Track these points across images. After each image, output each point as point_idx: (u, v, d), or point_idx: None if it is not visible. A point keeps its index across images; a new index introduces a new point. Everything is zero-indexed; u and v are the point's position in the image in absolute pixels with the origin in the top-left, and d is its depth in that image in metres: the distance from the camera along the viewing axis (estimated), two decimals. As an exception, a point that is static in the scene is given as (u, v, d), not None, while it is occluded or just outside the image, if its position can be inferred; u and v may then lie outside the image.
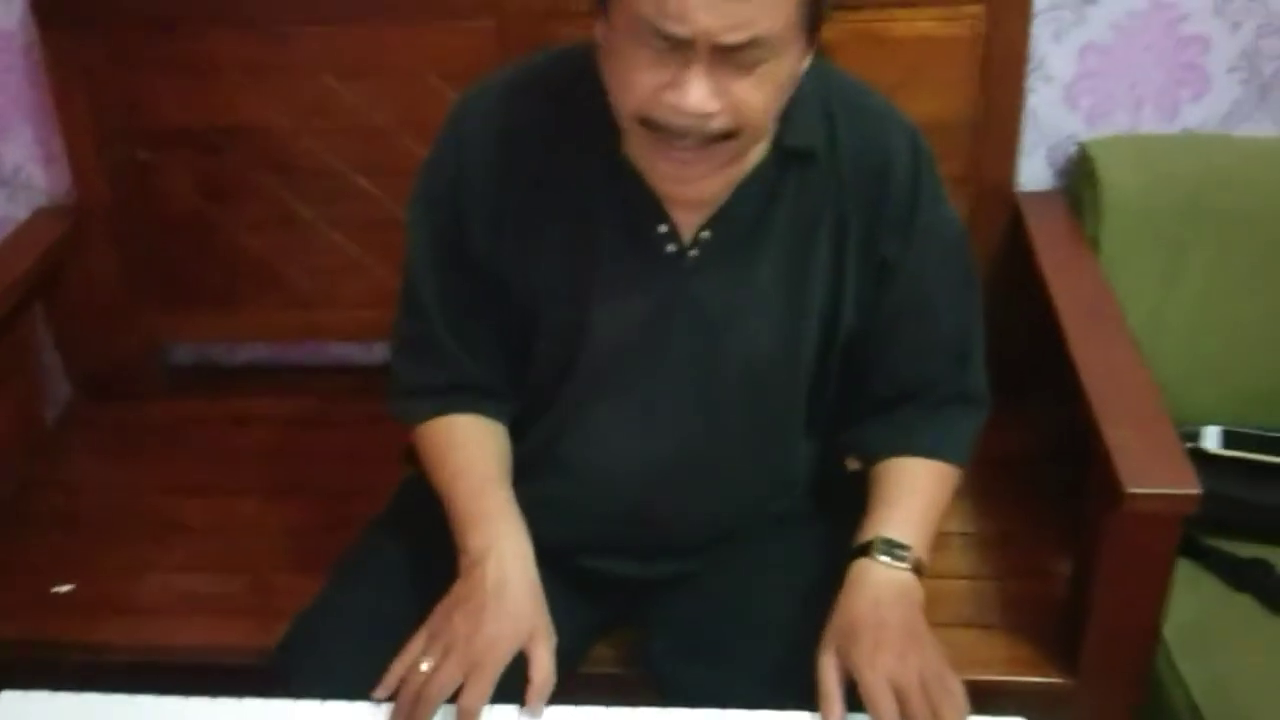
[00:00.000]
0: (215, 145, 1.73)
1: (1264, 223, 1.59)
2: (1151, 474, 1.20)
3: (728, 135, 1.00)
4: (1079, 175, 1.66)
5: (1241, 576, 1.45)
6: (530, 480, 1.21)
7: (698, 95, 0.95)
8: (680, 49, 0.95)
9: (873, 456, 1.22)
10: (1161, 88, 1.67)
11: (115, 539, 1.61)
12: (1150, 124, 1.69)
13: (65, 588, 1.52)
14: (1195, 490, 1.19)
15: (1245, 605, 1.43)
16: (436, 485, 1.20)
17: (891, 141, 1.14)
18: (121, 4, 1.68)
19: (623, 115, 1.02)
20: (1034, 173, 1.73)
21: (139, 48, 1.68)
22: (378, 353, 1.97)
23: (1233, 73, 1.65)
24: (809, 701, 1.05)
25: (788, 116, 1.07)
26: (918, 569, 1.11)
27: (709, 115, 0.97)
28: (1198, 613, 1.39)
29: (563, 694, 1.07)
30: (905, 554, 1.11)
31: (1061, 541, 1.50)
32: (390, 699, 1.06)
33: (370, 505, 1.38)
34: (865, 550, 1.12)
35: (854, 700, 1.04)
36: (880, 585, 1.09)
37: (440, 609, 1.09)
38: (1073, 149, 1.70)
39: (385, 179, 1.73)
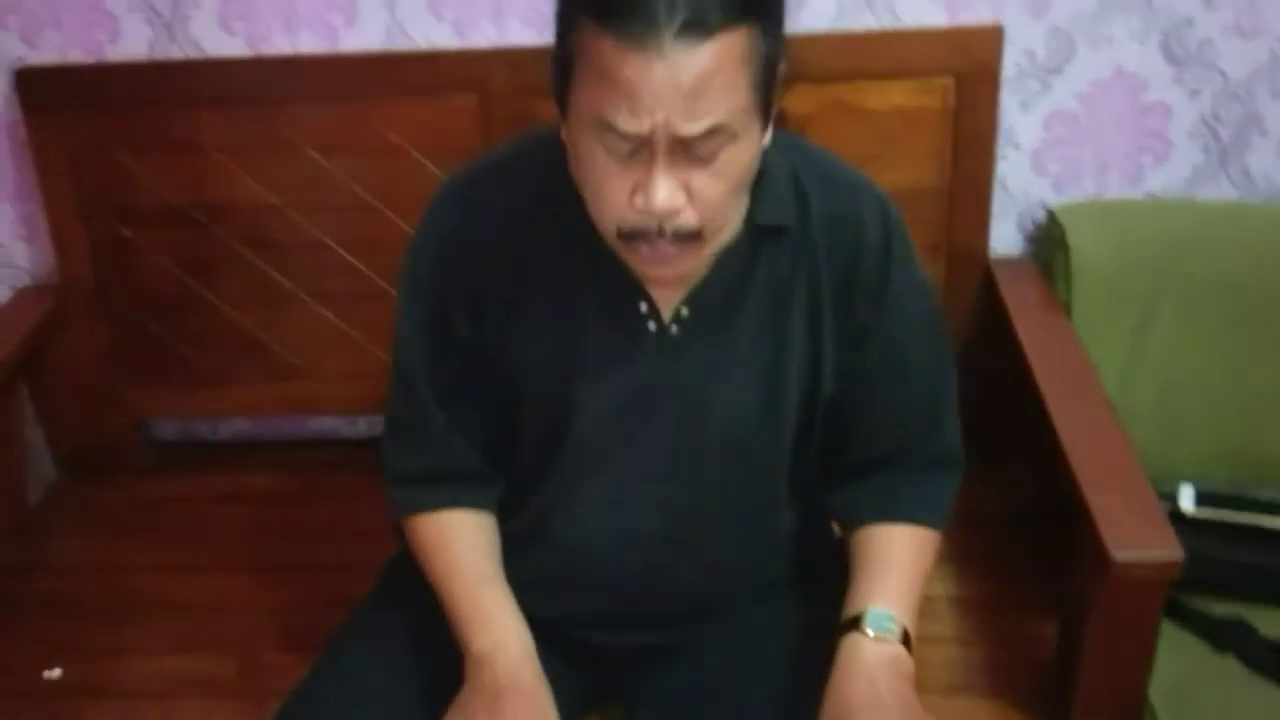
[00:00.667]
0: (199, 222, 1.74)
1: (1229, 285, 1.63)
2: (1136, 541, 1.22)
3: (696, 235, 1.02)
4: (1049, 241, 1.70)
5: (1223, 637, 1.47)
6: (520, 557, 1.23)
7: (664, 193, 0.97)
8: (640, 148, 0.97)
9: (853, 523, 1.23)
10: (1126, 154, 1.72)
11: (103, 621, 1.60)
12: (1116, 189, 1.74)
13: (54, 673, 1.51)
14: (1179, 556, 1.22)
15: (1227, 666, 1.44)
16: (432, 580, 1.21)
17: (862, 211, 1.16)
18: (104, 83, 1.70)
19: (600, 229, 1.05)
20: (1004, 238, 1.77)
21: (122, 126, 1.70)
22: (362, 426, 1.99)
23: (1193, 139, 1.70)
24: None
25: (759, 194, 1.10)
26: (906, 640, 1.13)
27: (676, 211, 0.99)
28: (1181, 674, 1.40)
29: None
30: (894, 626, 1.12)
31: (1044, 604, 1.52)
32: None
33: (360, 583, 1.38)
34: (855, 624, 1.13)
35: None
36: (872, 661, 1.10)
37: (455, 710, 1.11)
38: (1041, 214, 1.75)
39: (370, 253, 1.75)
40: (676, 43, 0.92)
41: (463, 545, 1.22)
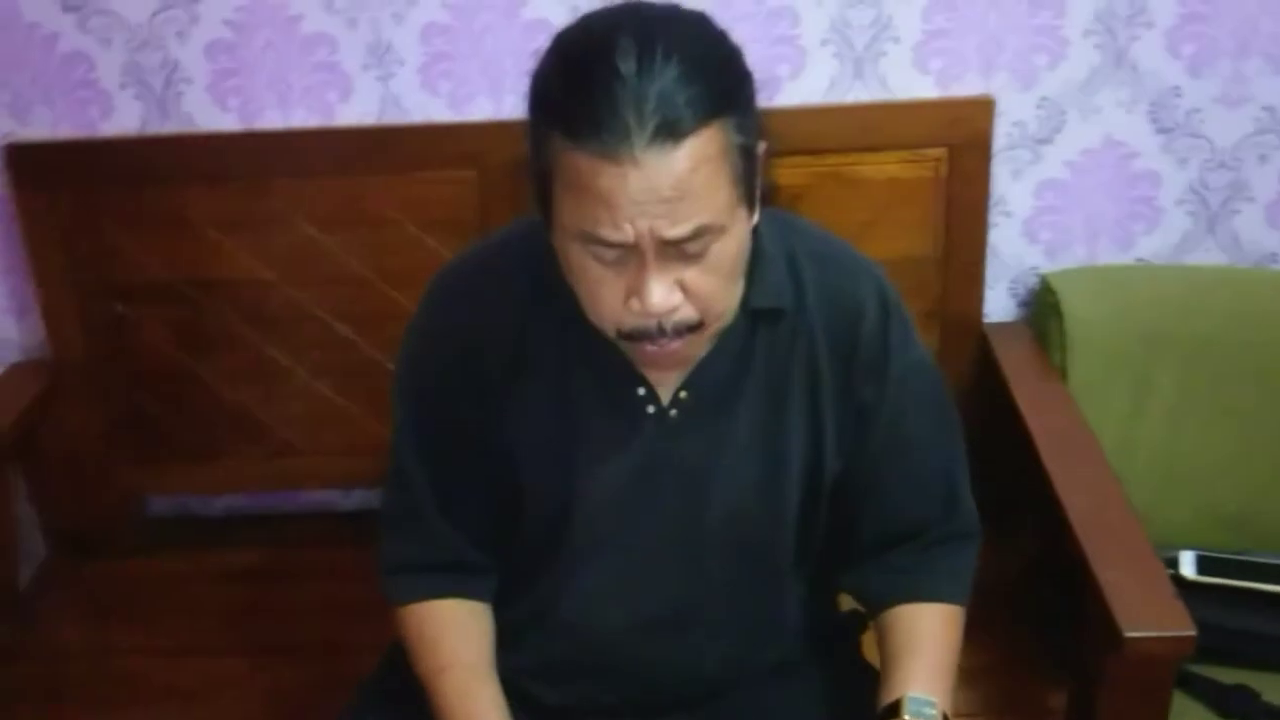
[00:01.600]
0: (192, 297, 1.73)
1: (1222, 348, 1.65)
2: (1148, 618, 1.23)
3: (696, 327, 1.02)
4: (1043, 307, 1.71)
5: (1228, 704, 1.46)
6: (524, 644, 1.22)
7: (659, 294, 0.97)
8: (629, 253, 0.97)
9: (875, 604, 1.22)
10: (1116, 221, 1.74)
11: (99, 707, 1.58)
12: (1106, 255, 1.76)
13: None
14: (1191, 632, 1.22)
15: (1234, 731, 1.46)
16: (422, 674, 1.19)
17: (859, 290, 1.16)
18: (96, 160, 1.70)
19: (601, 330, 1.05)
20: (998, 304, 1.79)
21: (114, 202, 1.69)
22: (356, 498, 1.97)
23: (1181, 205, 1.73)
24: None
25: (754, 277, 1.10)
26: None
27: (673, 309, 0.99)
28: (1189, 740, 1.42)
29: None
30: (933, 712, 1.11)
31: (1050, 670, 1.53)
32: None
33: (357, 664, 1.37)
34: (894, 712, 1.11)
35: None
36: None
37: None
38: (1034, 280, 1.76)
39: (366, 326, 1.74)
40: (649, 150, 0.91)
41: (453, 638, 1.20)
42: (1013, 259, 1.76)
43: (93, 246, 1.71)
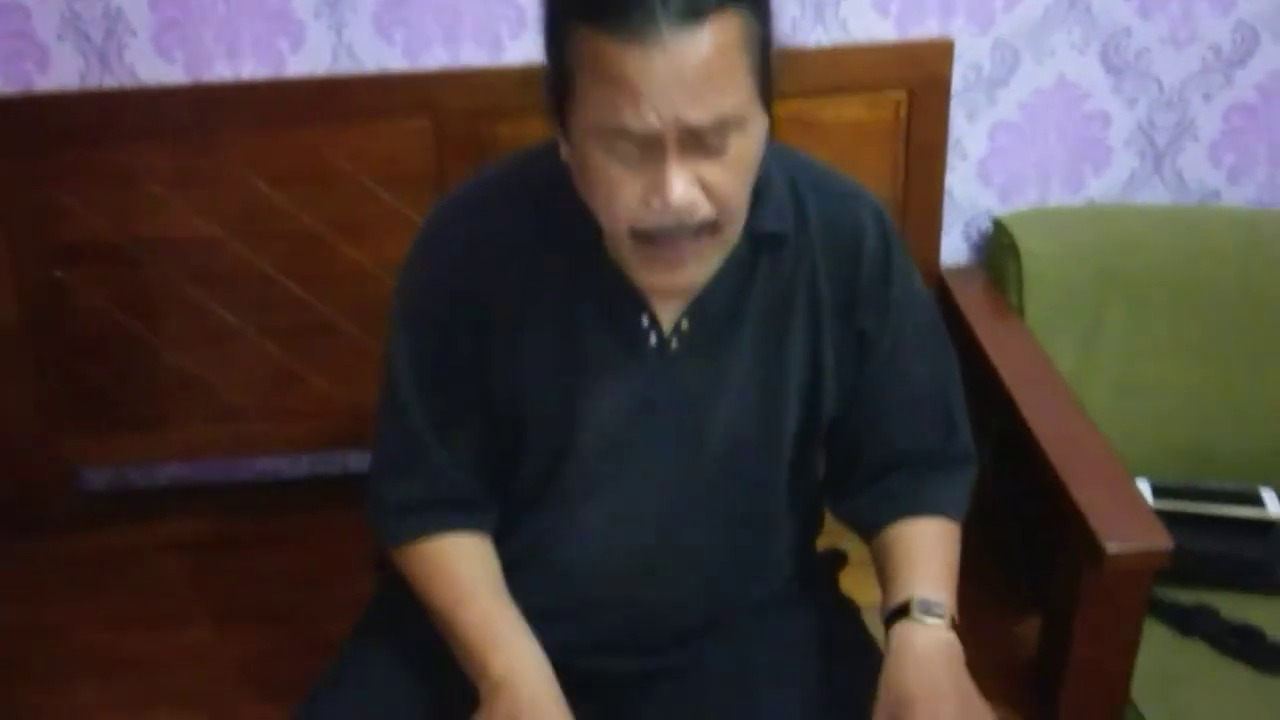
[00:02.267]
0: (135, 258, 1.66)
1: (1170, 286, 1.70)
2: (1127, 532, 1.26)
3: (713, 228, 1.01)
4: (997, 248, 1.74)
5: (1190, 623, 1.51)
6: (518, 584, 1.19)
7: (680, 188, 0.97)
8: (651, 148, 0.96)
9: (875, 525, 1.23)
10: (1066, 162, 1.77)
11: (57, 682, 1.51)
12: (1057, 197, 1.79)
13: (8, 739, 1.42)
14: (1169, 545, 1.26)
15: (1197, 650, 1.49)
16: (434, 609, 1.17)
17: (860, 217, 1.16)
18: (33, 116, 1.62)
19: (614, 233, 1.04)
20: (952, 248, 1.81)
21: (53, 161, 1.61)
22: (305, 464, 1.92)
23: (1130, 145, 1.77)
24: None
25: (757, 202, 1.09)
26: (953, 625, 1.12)
27: (693, 206, 0.99)
28: (1154, 661, 1.44)
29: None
30: (942, 610, 1.12)
31: (1016, 603, 1.55)
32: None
33: (329, 627, 1.34)
34: (903, 612, 1.12)
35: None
36: (927, 648, 1.09)
37: None
38: (987, 224, 1.79)
39: (320, 285, 1.69)
40: (674, 30, 0.92)
41: (468, 569, 1.18)
42: (967, 202, 1.78)
43: (28, 208, 1.63)
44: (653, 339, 1.13)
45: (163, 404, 1.74)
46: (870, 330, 1.17)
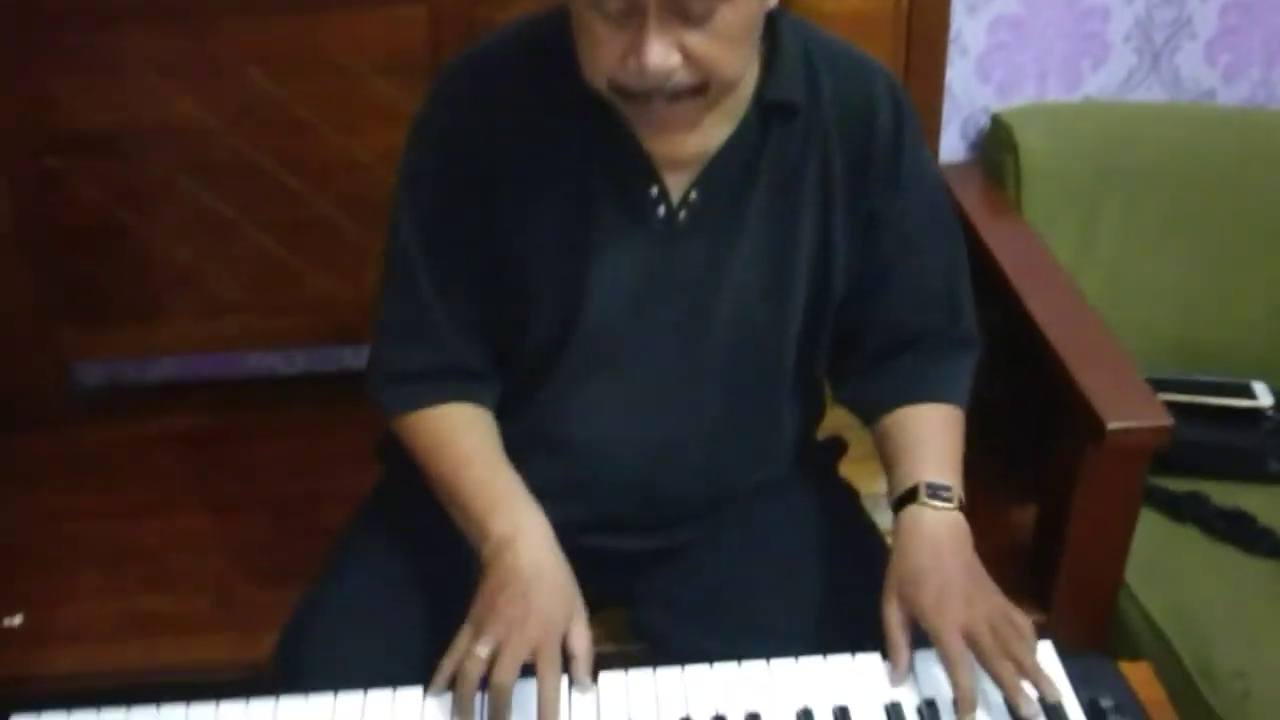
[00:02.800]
0: (129, 148, 1.64)
1: (1166, 182, 1.71)
2: (1127, 410, 1.28)
3: (696, 90, 1.01)
4: (995, 144, 1.75)
5: (1181, 510, 1.54)
6: (521, 462, 1.19)
7: (656, 54, 0.96)
8: (634, 9, 0.96)
9: (878, 410, 1.23)
10: (1064, 58, 1.77)
11: (59, 568, 1.51)
12: (1055, 93, 1.80)
13: (15, 620, 1.42)
14: (1168, 421, 1.28)
15: (1189, 536, 1.53)
16: (436, 475, 1.17)
17: (874, 89, 1.15)
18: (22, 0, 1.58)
19: (594, 85, 1.03)
20: (949, 144, 1.81)
21: (42, 47, 1.58)
22: (300, 362, 1.92)
23: (1128, 42, 1.77)
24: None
25: (769, 69, 1.09)
26: (961, 508, 1.13)
27: (671, 71, 0.98)
28: (1147, 547, 1.47)
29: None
30: (950, 494, 1.12)
31: (1008, 493, 1.57)
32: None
33: (330, 516, 1.35)
34: (911, 497, 1.12)
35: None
36: (935, 530, 1.10)
37: (481, 600, 1.06)
38: (984, 120, 1.79)
39: (313, 176, 1.68)
40: None
41: (469, 437, 1.17)
42: (965, 98, 1.78)
43: (20, 95, 1.60)
44: (660, 210, 1.12)
45: (157, 298, 1.73)
46: (881, 205, 1.16)
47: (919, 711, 0.99)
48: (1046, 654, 1.05)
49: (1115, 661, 1.05)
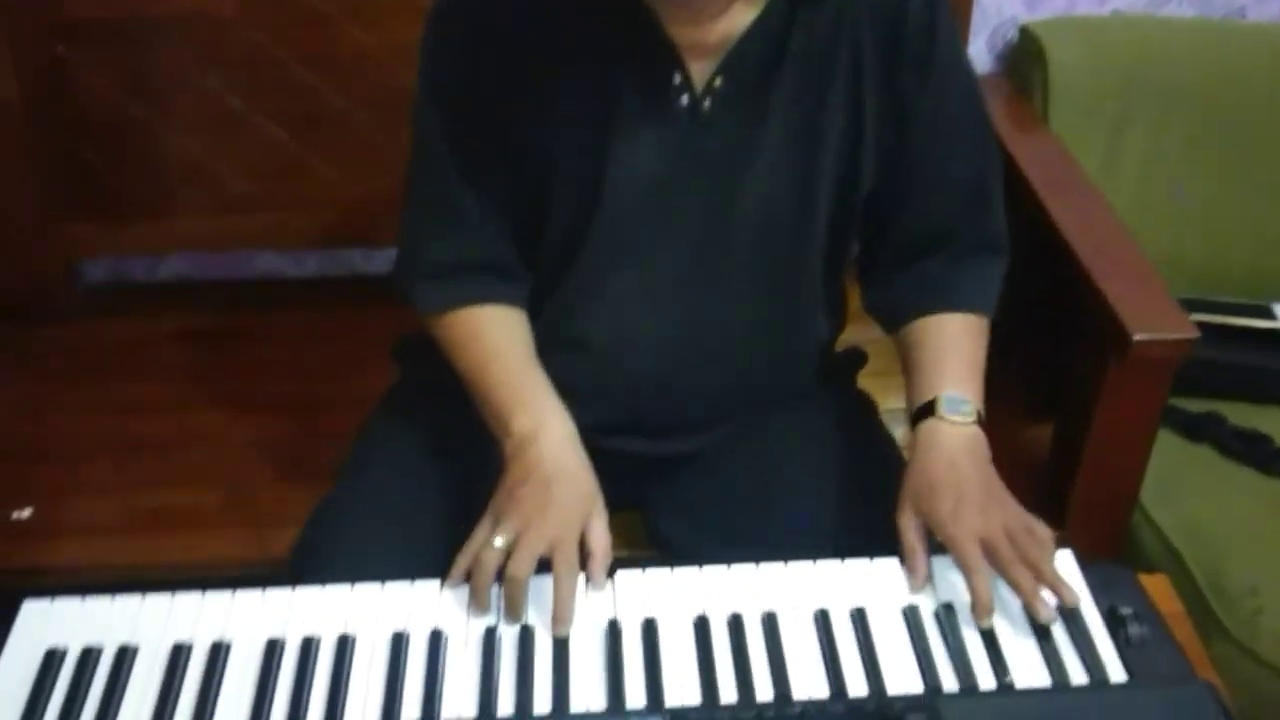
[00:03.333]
0: (140, 37, 1.61)
1: (1194, 98, 1.68)
2: (1153, 322, 1.26)
3: None
4: (1023, 57, 1.71)
5: (1198, 430, 1.54)
6: (542, 362, 1.18)
7: None
8: None
9: (901, 316, 1.21)
10: (1095, -30, 1.73)
11: (69, 462, 1.50)
12: (1084, 6, 1.76)
13: (24, 513, 1.41)
14: (1194, 334, 1.26)
15: (1205, 456, 1.52)
16: (464, 371, 1.16)
17: None
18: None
19: None
20: (977, 56, 1.77)
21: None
22: (310, 265, 1.90)
23: (1160, -47, 1.73)
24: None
25: None
26: (980, 422, 1.12)
27: None
28: (1163, 465, 1.46)
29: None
30: (968, 408, 1.11)
31: (1030, 408, 1.56)
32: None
33: (344, 417, 1.34)
34: (930, 410, 1.11)
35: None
36: (952, 443, 1.09)
37: (500, 493, 1.05)
38: (1011, 32, 1.75)
39: (328, 69, 1.65)
40: None
41: (499, 334, 1.16)
42: (994, 9, 1.74)
43: (28, -21, 1.56)
44: (684, 99, 1.09)
45: (165, 192, 1.71)
46: (912, 95, 1.12)
47: (936, 615, 0.99)
48: (1066, 562, 1.04)
49: (1134, 572, 1.05)
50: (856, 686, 0.92)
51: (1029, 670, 0.94)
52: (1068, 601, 0.98)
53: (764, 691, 0.91)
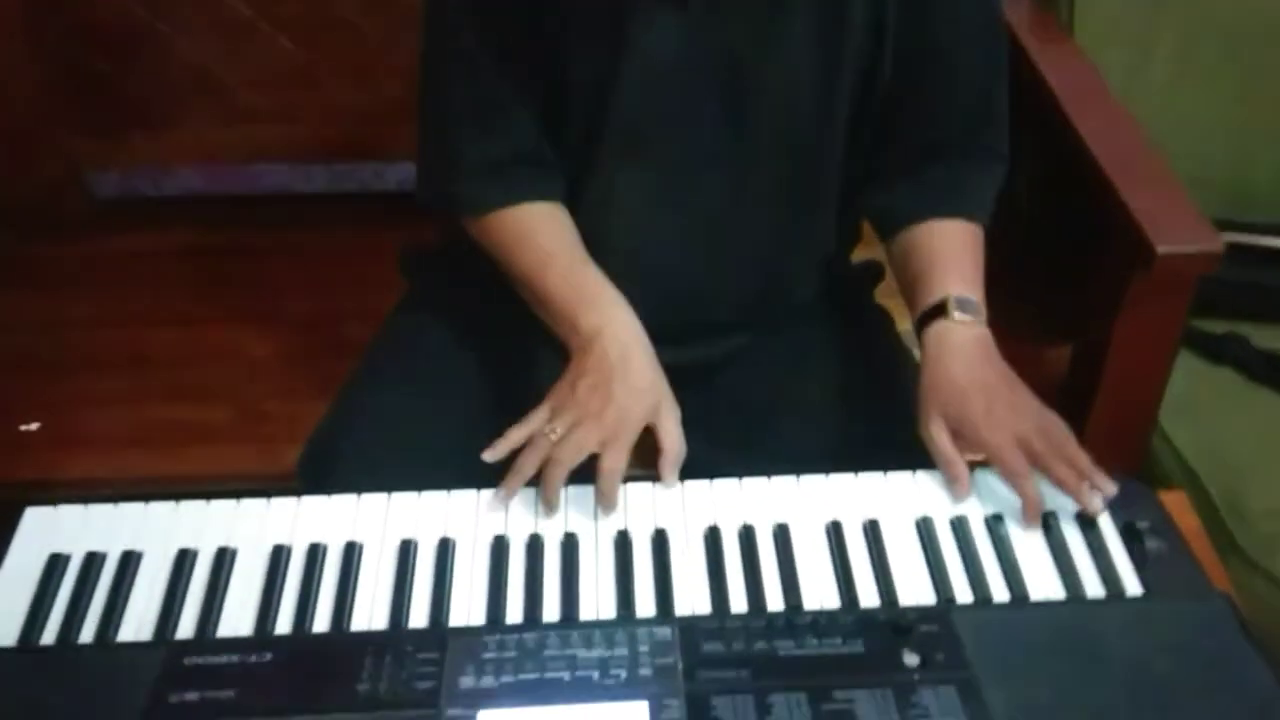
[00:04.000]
0: (145, -61, 1.57)
1: (1222, 17, 1.62)
2: (1178, 235, 1.23)
3: None
4: (1051, -31, 1.66)
5: (1220, 350, 1.51)
6: None
7: None
8: None
9: (901, 221, 1.18)
10: (1127, -124, 1.66)
11: (77, 375, 1.50)
12: (1113, -84, 1.69)
13: (31, 426, 1.41)
14: (1219, 247, 1.23)
15: (1226, 377, 1.49)
16: (519, 274, 1.13)
17: None
18: None
19: None
20: (1000, -33, 1.71)
21: None
22: (319, 181, 1.87)
23: None
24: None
25: None
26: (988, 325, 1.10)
27: None
28: (1183, 387, 1.44)
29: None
30: (977, 308, 1.09)
31: (1047, 328, 1.54)
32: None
33: (349, 333, 1.33)
34: (939, 312, 1.08)
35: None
36: (965, 346, 1.07)
37: (562, 385, 1.03)
38: (1036, -59, 1.70)
39: (337, -24, 1.61)
40: None
41: (550, 233, 1.14)
42: (1019, -84, 1.69)
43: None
44: None
45: (173, 101, 1.69)
46: None
47: (952, 525, 0.97)
48: (1083, 477, 1.02)
49: (1152, 488, 1.03)
50: (868, 597, 0.91)
51: (1044, 583, 0.92)
52: (1107, 492, 0.97)
53: (775, 602, 0.90)
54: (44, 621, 0.89)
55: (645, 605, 0.90)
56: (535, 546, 0.95)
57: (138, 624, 0.89)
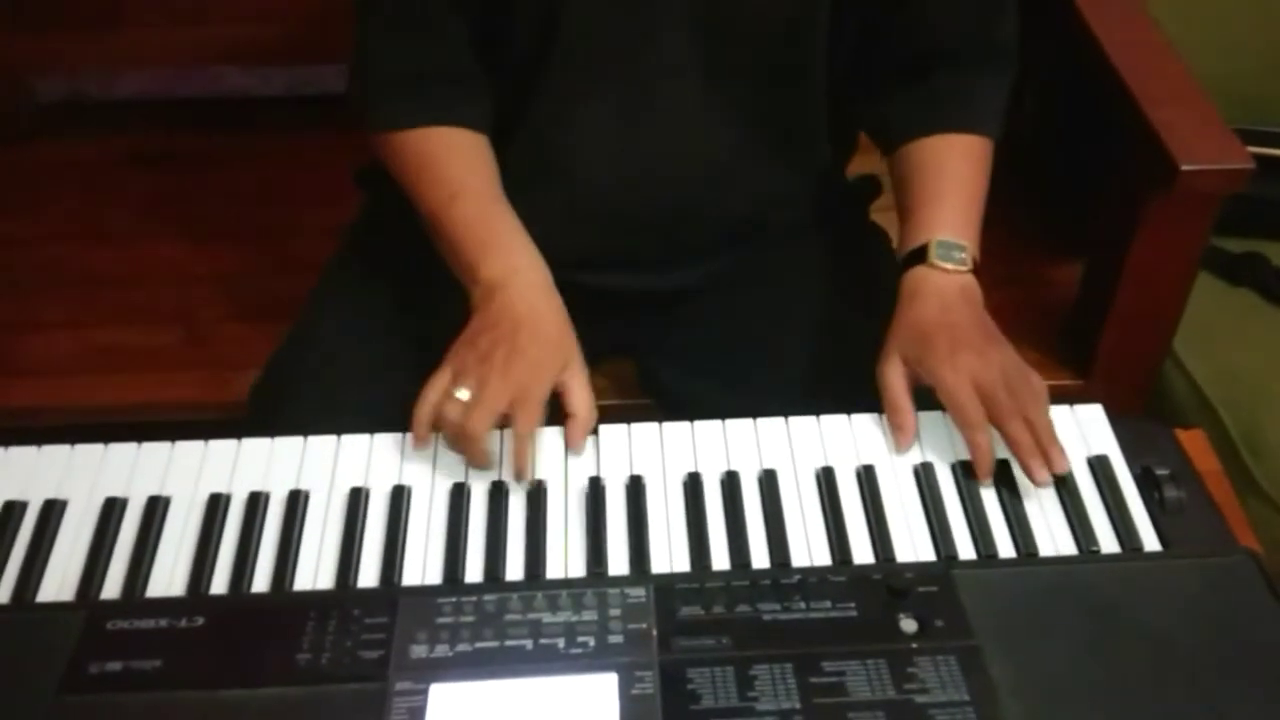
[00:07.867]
0: None
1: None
2: (1204, 151, 1.13)
3: None
4: None
5: (1238, 271, 1.42)
6: (518, 193, 1.05)
7: None
8: None
9: (900, 134, 1.08)
10: None
11: (16, 296, 1.40)
12: None
13: (-33, 348, 1.31)
14: (1248, 165, 1.13)
15: (1244, 298, 1.41)
16: (423, 206, 1.03)
17: None
18: None
19: None
20: None
21: None
22: (277, 84, 1.75)
23: None
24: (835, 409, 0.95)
25: None
26: (975, 269, 1.00)
27: None
28: (1198, 310, 1.34)
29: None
30: (963, 254, 0.99)
31: (1058, 245, 1.45)
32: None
33: (311, 248, 1.23)
34: (920, 257, 0.99)
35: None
36: (944, 290, 0.97)
37: (462, 341, 0.94)
38: None
39: None
40: None
41: (462, 164, 1.03)
42: None
43: None
44: None
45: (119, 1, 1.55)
46: None
47: (953, 472, 0.89)
48: (1095, 418, 0.94)
49: (1171, 428, 0.95)
50: (862, 553, 0.83)
51: (1054, 537, 0.85)
52: (1057, 468, 0.87)
53: (760, 558, 0.82)
54: (-47, 580, 0.81)
55: (618, 561, 0.82)
56: (498, 495, 0.87)
57: (60, 582, 0.81)
